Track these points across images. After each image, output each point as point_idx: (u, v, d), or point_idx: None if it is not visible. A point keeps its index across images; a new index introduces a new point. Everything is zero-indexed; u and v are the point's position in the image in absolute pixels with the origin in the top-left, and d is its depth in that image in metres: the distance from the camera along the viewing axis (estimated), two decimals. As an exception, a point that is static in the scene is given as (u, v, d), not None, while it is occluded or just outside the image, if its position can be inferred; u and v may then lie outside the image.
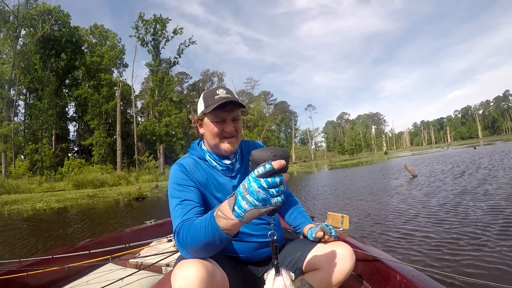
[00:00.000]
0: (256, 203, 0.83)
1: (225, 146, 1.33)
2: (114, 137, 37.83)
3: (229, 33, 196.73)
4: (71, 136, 45.55)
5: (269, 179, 0.82)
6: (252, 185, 0.83)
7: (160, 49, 41.21)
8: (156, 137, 38.61)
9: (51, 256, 2.26)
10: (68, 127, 44.77)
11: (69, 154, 40.75)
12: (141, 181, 24.87)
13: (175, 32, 41.28)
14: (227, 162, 1.39)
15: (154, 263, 2.23)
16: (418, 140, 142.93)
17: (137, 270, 2.15)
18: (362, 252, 1.80)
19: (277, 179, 0.83)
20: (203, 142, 1.46)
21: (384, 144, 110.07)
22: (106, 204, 11.76)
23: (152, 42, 40.53)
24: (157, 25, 39.85)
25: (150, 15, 45.61)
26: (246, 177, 0.87)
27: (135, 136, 37.46)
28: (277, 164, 0.82)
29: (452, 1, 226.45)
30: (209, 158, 1.40)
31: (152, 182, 23.41)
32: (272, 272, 1.04)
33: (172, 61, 43.07)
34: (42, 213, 10.04)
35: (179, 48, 42.07)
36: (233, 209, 0.88)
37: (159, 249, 2.61)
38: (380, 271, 1.66)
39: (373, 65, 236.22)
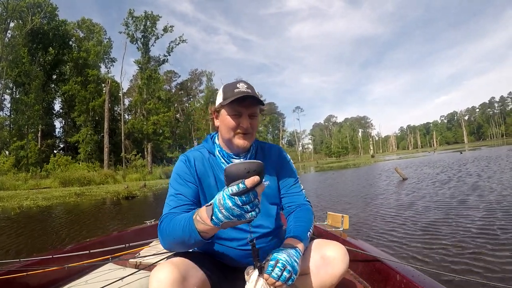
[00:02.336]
0: (231, 217, 0.87)
1: (239, 141, 1.31)
2: (101, 134, 37.25)
3: (218, 32, 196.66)
4: (57, 132, 44.58)
5: (243, 197, 0.85)
6: (227, 202, 0.86)
7: (150, 46, 40.72)
8: (144, 135, 38.13)
9: (51, 256, 2.23)
10: (54, 123, 43.85)
11: (55, 151, 39.97)
12: (128, 179, 24.61)
13: (165, 30, 40.69)
14: (236, 161, 1.36)
15: (154, 263, 2.21)
16: (404, 144, 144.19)
17: (137, 270, 2.13)
18: (362, 252, 1.80)
19: (251, 196, 0.86)
20: (217, 136, 1.44)
21: (371, 148, 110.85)
22: (95, 202, 11.60)
23: (142, 39, 39.96)
24: (147, 22, 39.36)
25: (140, 11, 45.03)
26: (221, 192, 0.90)
27: (122, 134, 36.91)
28: (250, 182, 0.85)
29: (441, 7, 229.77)
30: (218, 154, 1.39)
31: (140, 181, 23.16)
32: (255, 272, 1.06)
33: (161, 59, 42.58)
34: (31, 211, 9.83)
35: (169, 46, 41.48)
36: (211, 218, 0.92)
37: (159, 249, 2.58)
38: (380, 271, 1.66)
39: (362, 68, 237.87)
